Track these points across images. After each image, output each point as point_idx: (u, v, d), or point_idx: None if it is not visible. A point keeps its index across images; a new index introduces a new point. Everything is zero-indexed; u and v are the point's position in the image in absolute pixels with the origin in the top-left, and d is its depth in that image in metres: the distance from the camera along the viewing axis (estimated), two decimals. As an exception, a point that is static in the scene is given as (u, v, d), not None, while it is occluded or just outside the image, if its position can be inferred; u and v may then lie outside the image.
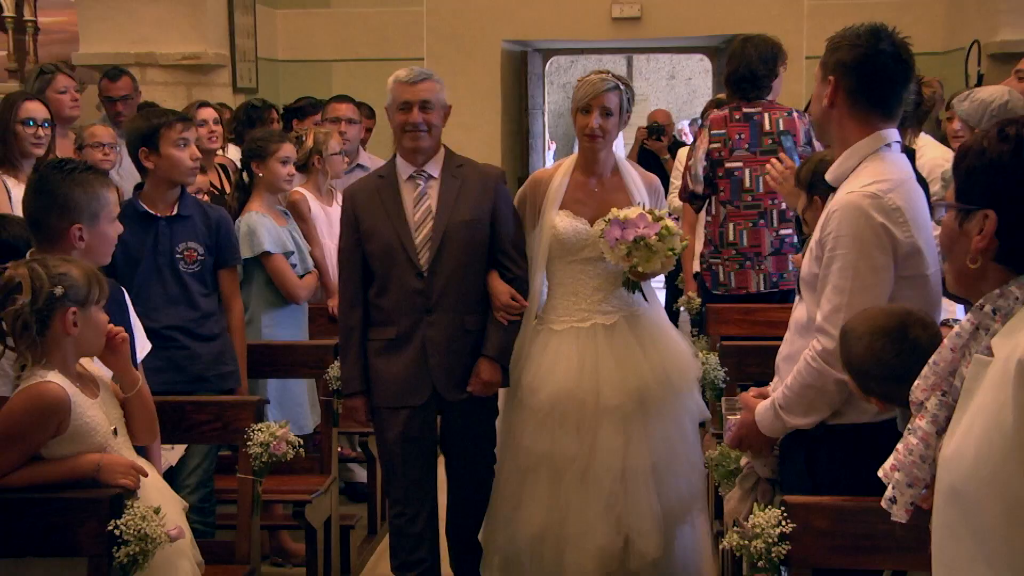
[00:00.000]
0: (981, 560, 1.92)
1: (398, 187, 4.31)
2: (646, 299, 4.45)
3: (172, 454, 3.93)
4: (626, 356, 4.31)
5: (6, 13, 11.27)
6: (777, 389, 3.10)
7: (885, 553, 2.80)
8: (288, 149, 5.30)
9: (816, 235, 3.05)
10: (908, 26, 3.26)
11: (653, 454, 4.30)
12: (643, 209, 4.18)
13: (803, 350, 3.07)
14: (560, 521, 4.29)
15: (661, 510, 4.29)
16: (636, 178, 4.49)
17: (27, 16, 11.42)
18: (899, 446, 2.13)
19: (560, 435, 4.27)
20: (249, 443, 3.71)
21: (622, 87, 4.31)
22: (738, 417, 3.24)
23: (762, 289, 5.54)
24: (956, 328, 2.07)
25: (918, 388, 2.13)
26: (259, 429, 3.72)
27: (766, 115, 5.55)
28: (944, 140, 5.41)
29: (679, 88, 19.04)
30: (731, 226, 5.54)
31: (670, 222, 4.17)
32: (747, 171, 5.49)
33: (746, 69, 5.58)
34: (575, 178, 4.44)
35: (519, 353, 4.41)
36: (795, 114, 5.58)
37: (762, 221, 5.52)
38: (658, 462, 4.32)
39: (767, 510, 2.83)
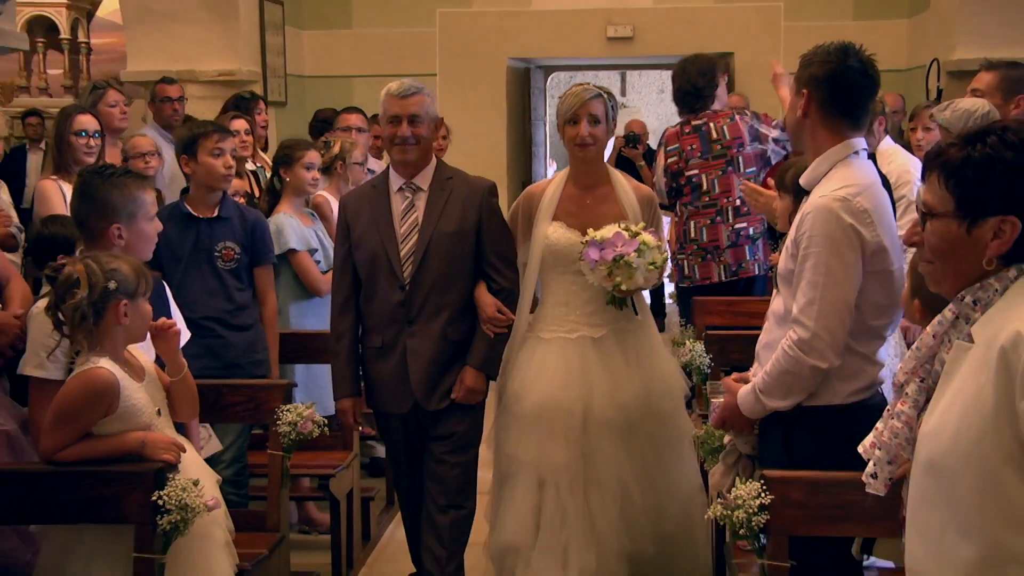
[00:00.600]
0: (954, 527, 1.92)
1: (389, 198, 4.01)
2: (636, 313, 4.11)
3: (210, 444, 3.91)
4: (614, 370, 4.01)
5: (63, 35, 11.38)
6: (757, 375, 3.09)
7: (855, 522, 2.80)
8: (312, 156, 5.30)
9: (791, 234, 3.04)
10: (874, 45, 3.27)
11: (636, 468, 3.99)
12: (619, 227, 3.86)
13: (781, 339, 3.05)
14: (533, 531, 3.97)
15: (643, 524, 3.99)
16: (628, 190, 4.14)
17: (81, 38, 11.53)
18: (879, 426, 2.12)
19: (548, 443, 3.96)
20: (278, 422, 3.72)
21: (605, 95, 4.04)
22: (722, 400, 3.24)
23: (724, 278, 5.65)
24: (938, 317, 2.06)
25: (900, 371, 2.12)
26: (287, 410, 3.73)
27: (711, 124, 5.71)
28: (907, 148, 5.43)
29: (668, 101, 18.88)
30: (692, 224, 5.69)
31: (647, 236, 3.84)
32: (703, 176, 5.69)
33: (688, 85, 5.78)
34: (567, 191, 4.13)
35: (507, 360, 4.12)
36: (736, 117, 5.74)
37: (719, 218, 5.65)
38: (640, 476, 3.99)
39: (748, 483, 2.83)
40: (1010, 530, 1.88)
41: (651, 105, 18.22)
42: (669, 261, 4.48)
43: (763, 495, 2.78)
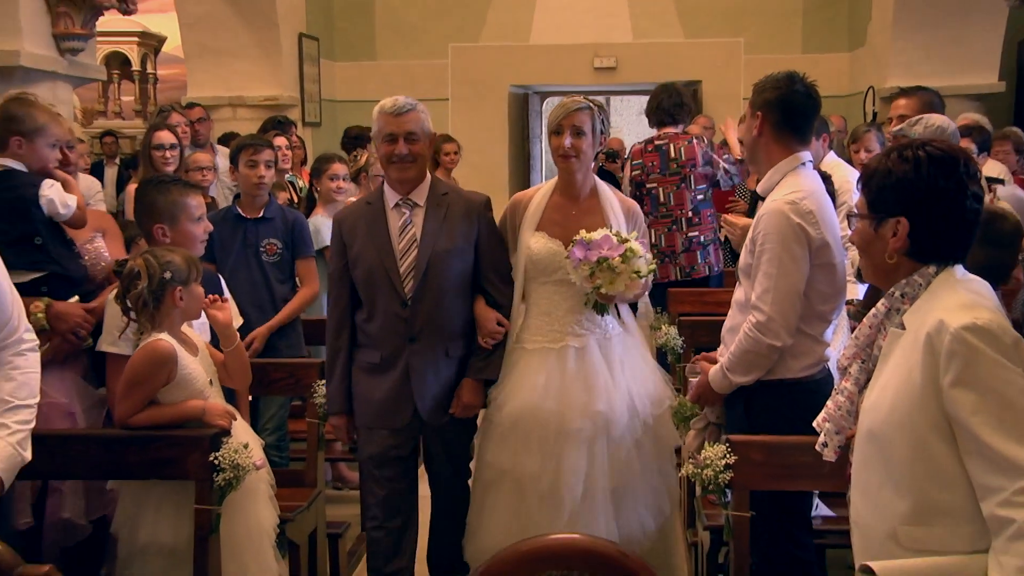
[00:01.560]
0: (890, 486, 1.93)
1: (385, 215, 3.45)
2: (622, 321, 3.60)
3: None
4: (595, 379, 3.43)
5: (134, 67, 11.48)
6: (723, 356, 3.09)
7: (805, 479, 2.80)
8: (336, 168, 5.30)
9: (750, 234, 3.04)
10: (819, 74, 3.29)
11: (614, 478, 3.42)
12: (609, 231, 3.33)
13: (743, 324, 3.05)
14: (513, 538, 3.10)
15: (619, 535, 3.40)
16: (614, 202, 3.56)
17: (149, 69, 11.62)
18: (829, 403, 2.13)
19: (521, 452, 3.42)
20: (315, 395, 3.70)
21: (594, 108, 3.50)
22: (697, 379, 3.24)
23: (678, 278, 5.68)
24: (873, 310, 2.07)
25: (844, 356, 2.13)
26: (323, 384, 3.72)
27: (671, 145, 5.73)
28: (849, 162, 5.42)
29: (646, 123, 18.99)
30: (652, 231, 5.66)
31: (635, 245, 3.32)
32: (661, 190, 5.75)
33: (658, 106, 5.84)
34: (553, 200, 3.56)
35: None
36: (694, 141, 5.77)
37: (675, 227, 5.68)
38: (618, 487, 3.44)
39: (715, 446, 2.83)
40: (936, 487, 1.88)
41: (631, 125, 18.19)
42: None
43: (728, 456, 2.79)
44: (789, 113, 3.06)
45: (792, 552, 3.05)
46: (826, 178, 4.19)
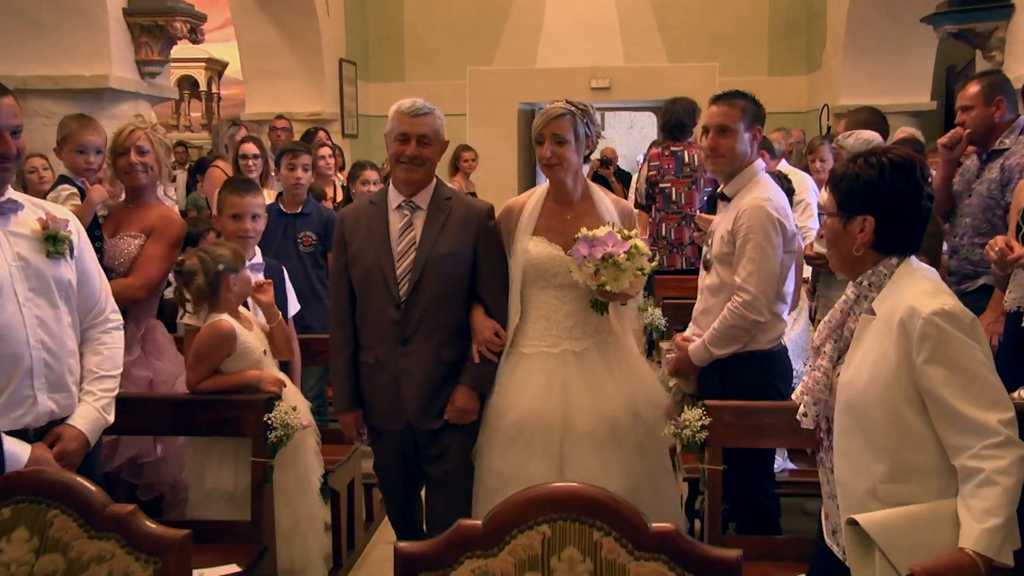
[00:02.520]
0: (869, 450, 1.92)
1: (387, 215, 2.96)
2: (616, 324, 3.04)
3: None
4: (596, 383, 2.95)
5: (201, 88, 11.52)
6: (706, 333, 3.04)
7: (769, 437, 2.81)
8: (368, 174, 5.27)
9: (729, 227, 3.01)
10: (782, 94, 3.29)
11: (626, 481, 2.84)
12: (613, 228, 2.88)
13: (714, 307, 3.05)
14: None
15: None
16: (608, 204, 3.04)
17: (214, 90, 11.66)
18: (805, 379, 2.09)
19: (526, 458, 2.88)
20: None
21: (576, 112, 2.94)
22: (675, 355, 3.21)
23: (684, 267, 5.65)
24: (843, 296, 2.05)
25: (817, 336, 2.10)
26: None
27: (685, 152, 5.68)
28: (805, 168, 5.44)
29: (635, 134, 18.82)
30: (663, 226, 5.66)
31: (639, 242, 2.88)
32: (674, 189, 5.69)
33: (676, 120, 5.69)
34: (547, 206, 3.02)
35: None
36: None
37: (683, 222, 5.64)
38: (628, 490, 2.74)
39: (692, 410, 2.81)
40: (910, 450, 1.87)
41: (622, 136, 18.11)
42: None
43: (704, 418, 2.77)
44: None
45: (757, 499, 3.05)
46: (786, 179, 4.20)
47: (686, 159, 5.64)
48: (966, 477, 1.82)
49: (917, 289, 1.91)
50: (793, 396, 2.16)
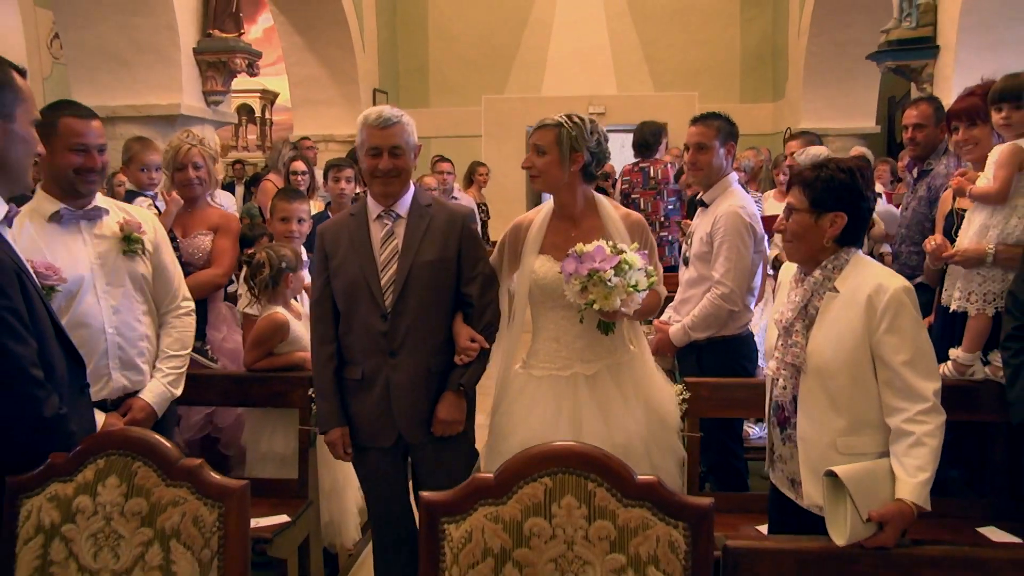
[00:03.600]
0: (831, 408, 1.92)
1: (368, 226, 2.49)
2: (632, 342, 2.59)
3: None
4: (609, 407, 2.46)
5: (256, 114, 11.53)
6: (685, 319, 3.05)
7: (739, 408, 2.80)
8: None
9: (708, 229, 3.02)
10: (752, 118, 3.32)
11: None
12: (604, 242, 2.34)
13: (693, 298, 3.05)
14: None
15: None
16: (616, 219, 2.52)
17: (267, 115, 11.66)
18: (776, 354, 2.05)
19: None
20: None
21: (567, 126, 2.51)
22: (656, 336, 3.21)
23: None
24: (809, 279, 1.99)
25: (783, 316, 2.04)
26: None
27: (651, 167, 5.73)
28: (771, 183, 5.49)
29: (627, 153, 18.87)
30: None
31: (632, 256, 2.32)
32: (642, 199, 5.72)
33: (642, 139, 5.78)
34: (553, 223, 2.55)
35: (498, 397, 2.60)
36: (668, 166, 5.79)
37: (651, 227, 5.58)
38: None
39: (674, 385, 2.80)
40: (866, 407, 1.88)
41: (615, 155, 17.90)
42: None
43: (684, 392, 2.76)
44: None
45: (729, 461, 3.05)
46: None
47: (652, 173, 5.70)
48: (898, 437, 1.83)
49: (879, 271, 1.94)
50: (767, 370, 2.13)
